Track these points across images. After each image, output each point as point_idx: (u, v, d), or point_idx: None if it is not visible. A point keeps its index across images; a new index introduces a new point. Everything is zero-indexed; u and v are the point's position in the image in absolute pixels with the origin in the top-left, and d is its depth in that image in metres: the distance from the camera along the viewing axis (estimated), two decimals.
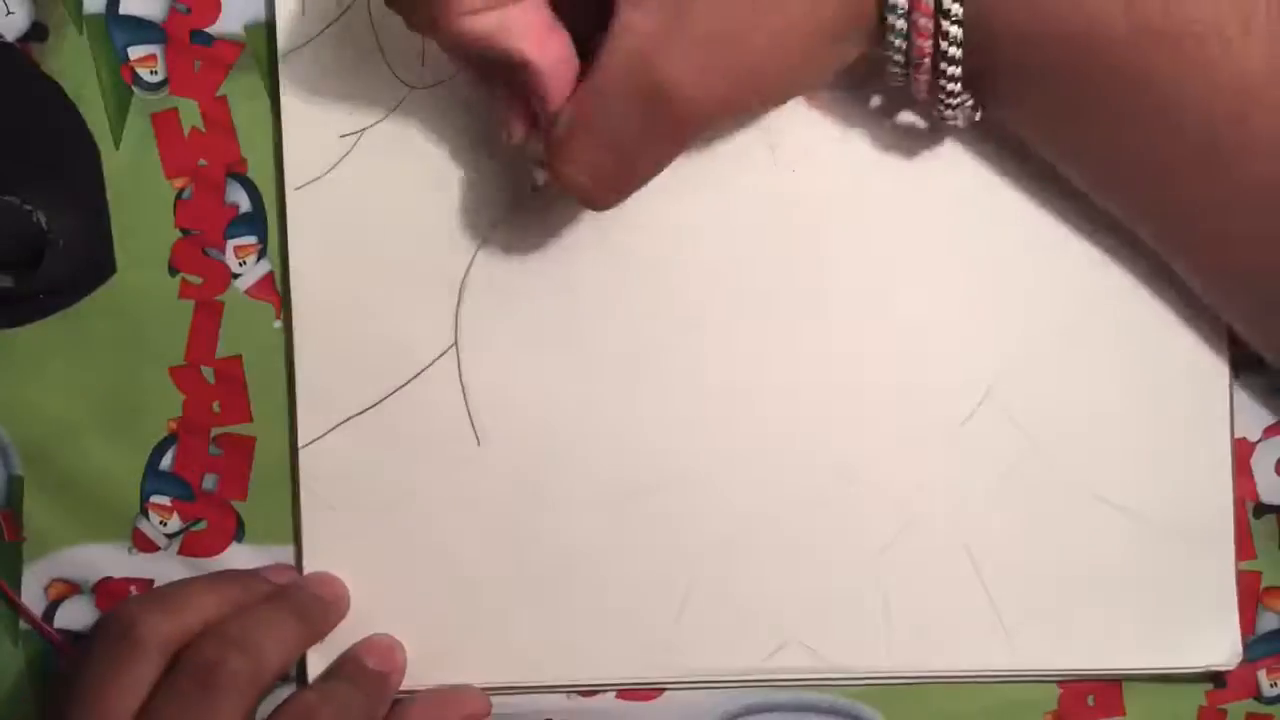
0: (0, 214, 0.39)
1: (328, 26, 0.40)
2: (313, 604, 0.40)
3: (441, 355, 0.41)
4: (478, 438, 0.41)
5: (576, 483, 0.41)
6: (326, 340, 0.41)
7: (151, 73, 0.41)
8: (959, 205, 0.40)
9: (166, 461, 0.42)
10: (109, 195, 0.41)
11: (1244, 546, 0.41)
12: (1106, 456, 0.40)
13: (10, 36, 0.41)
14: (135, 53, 0.41)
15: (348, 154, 0.40)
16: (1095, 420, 0.40)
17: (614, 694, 0.42)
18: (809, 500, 0.40)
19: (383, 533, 0.41)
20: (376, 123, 0.40)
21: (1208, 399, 0.40)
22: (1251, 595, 0.41)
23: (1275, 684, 0.42)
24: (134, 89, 0.41)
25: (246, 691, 0.37)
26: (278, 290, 0.41)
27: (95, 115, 0.41)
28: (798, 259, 0.40)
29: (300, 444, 0.41)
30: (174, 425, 0.41)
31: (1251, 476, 0.41)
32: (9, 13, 0.41)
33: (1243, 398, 0.41)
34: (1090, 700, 0.42)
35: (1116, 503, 0.40)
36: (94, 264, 0.41)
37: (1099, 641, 0.41)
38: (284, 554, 0.42)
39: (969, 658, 0.41)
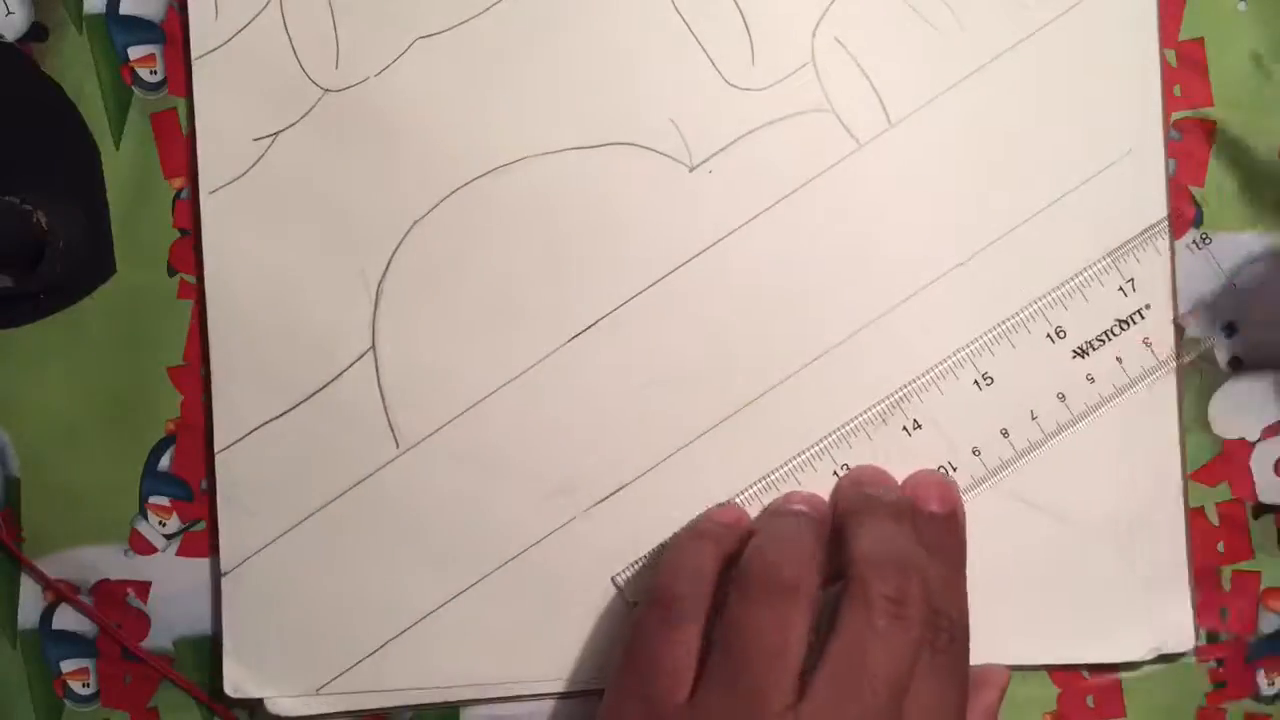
0: (0, 214, 0.39)
1: (241, 30, 0.40)
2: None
3: (359, 359, 0.41)
4: (397, 441, 0.41)
5: (499, 485, 0.41)
6: (243, 345, 0.41)
7: (151, 73, 0.41)
8: (877, 208, 0.40)
9: (165, 462, 0.41)
10: (109, 195, 0.41)
11: (1243, 547, 0.41)
12: (1045, 452, 0.40)
13: (10, 36, 0.41)
14: (135, 53, 0.41)
15: (262, 157, 0.40)
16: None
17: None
18: (741, 497, 0.40)
19: (304, 537, 0.41)
20: (290, 125, 0.40)
21: (1153, 393, 0.40)
22: (1251, 595, 0.41)
23: (1274, 684, 0.42)
24: (134, 89, 0.41)
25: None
26: None
27: (95, 115, 0.41)
28: (718, 261, 0.40)
29: (217, 449, 0.41)
30: (172, 426, 0.41)
31: (1250, 477, 0.41)
32: (9, 13, 0.41)
33: (1242, 398, 0.41)
34: (1090, 701, 0.42)
35: (1060, 497, 0.41)
36: (94, 264, 0.41)
37: (1049, 634, 0.41)
38: None
39: None
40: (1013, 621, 0.41)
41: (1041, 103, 0.40)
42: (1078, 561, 0.41)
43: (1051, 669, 0.41)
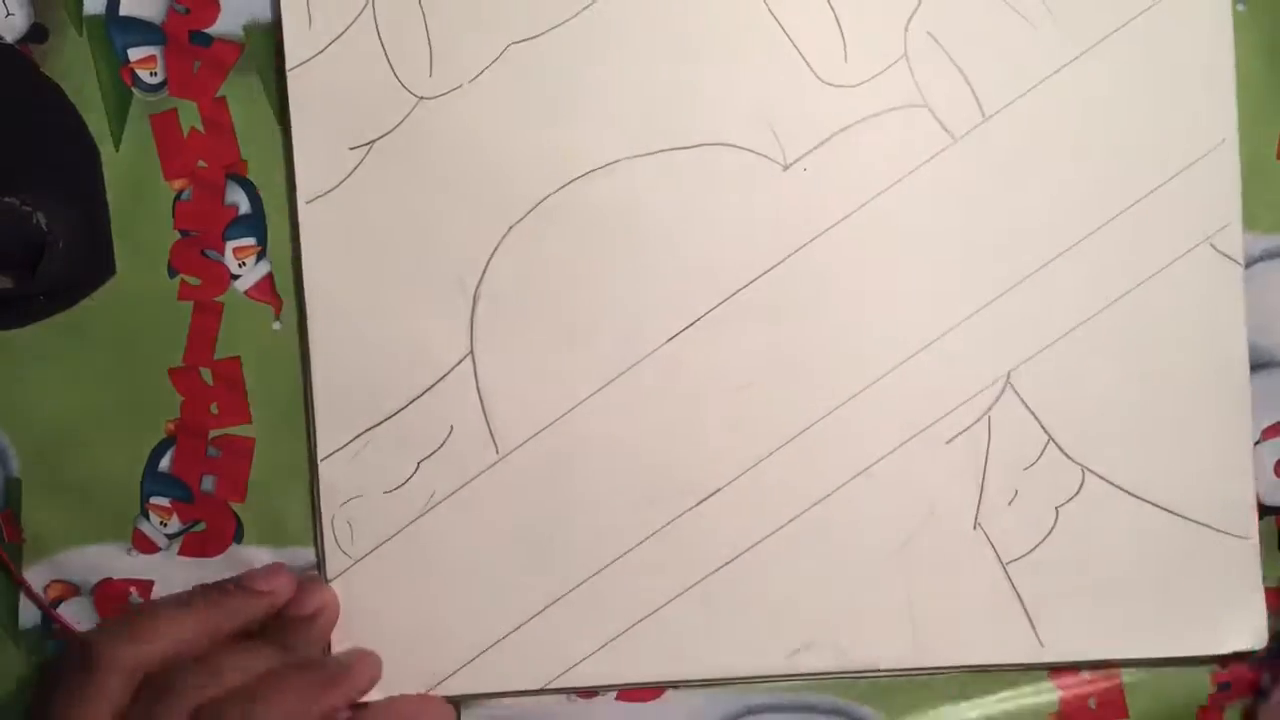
0: (0, 214, 0.39)
1: (335, 39, 0.40)
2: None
3: (458, 364, 0.41)
4: (496, 446, 0.41)
5: (596, 489, 0.41)
6: (343, 353, 0.41)
7: (151, 74, 0.41)
8: (972, 202, 0.40)
9: (165, 463, 0.42)
10: (109, 196, 0.41)
11: None
12: (1125, 447, 0.40)
13: (10, 38, 0.41)
14: (135, 54, 0.41)
15: (359, 165, 0.41)
16: (1113, 411, 0.40)
17: (614, 695, 0.42)
18: (829, 497, 0.41)
19: (403, 543, 0.41)
20: (386, 134, 0.40)
21: (1227, 388, 0.40)
22: None
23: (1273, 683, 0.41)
24: (134, 90, 0.41)
25: None
26: (277, 292, 0.41)
27: (95, 116, 0.41)
28: (813, 259, 0.40)
29: (319, 456, 0.41)
30: (172, 427, 0.41)
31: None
32: (9, 14, 0.41)
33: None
34: (1092, 704, 0.41)
35: (1136, 493, 0.40)
36: (94, 265, 0.41)
37: (1124, 630, 0.41)
38: (283, 556, 0.42)
39: (994, 651, 0.41)
40: (1091, 620, 0.41)
41: (1132, 93, 0.40)
42: (1152, 560, 0.41)
43: (1082, 667, 0.42)
